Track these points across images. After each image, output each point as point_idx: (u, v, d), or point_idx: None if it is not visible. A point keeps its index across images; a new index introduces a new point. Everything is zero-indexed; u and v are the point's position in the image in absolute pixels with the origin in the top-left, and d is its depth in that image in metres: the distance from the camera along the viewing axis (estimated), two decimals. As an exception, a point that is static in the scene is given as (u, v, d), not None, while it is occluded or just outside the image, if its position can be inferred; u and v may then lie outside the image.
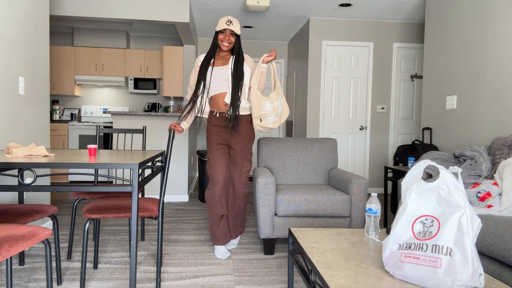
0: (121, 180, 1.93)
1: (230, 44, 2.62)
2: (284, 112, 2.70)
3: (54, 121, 5.98)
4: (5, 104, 2.56)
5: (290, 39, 6.49)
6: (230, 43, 2.62)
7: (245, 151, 2.76)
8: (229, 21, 2.58)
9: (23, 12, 2.76)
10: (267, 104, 2.60)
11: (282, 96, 2.69)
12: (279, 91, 2.67)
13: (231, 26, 2.58)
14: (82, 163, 1.67)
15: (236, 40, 2.65)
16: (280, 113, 2.66)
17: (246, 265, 2.54)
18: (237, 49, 2.67)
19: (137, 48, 6.59)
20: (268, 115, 2.61)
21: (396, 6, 4.67)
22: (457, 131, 3.46)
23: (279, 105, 2.65)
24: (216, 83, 2.64)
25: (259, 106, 2.58)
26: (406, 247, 1.26)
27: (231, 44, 2.63)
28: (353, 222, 2.78)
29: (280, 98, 2.67)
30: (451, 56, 3.57)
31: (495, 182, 2.12)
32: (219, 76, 2.64)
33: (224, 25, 2.58)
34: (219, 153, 2.72)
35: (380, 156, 5.39)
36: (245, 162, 2.78)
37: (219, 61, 2.70)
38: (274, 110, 2.61)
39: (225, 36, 2.60)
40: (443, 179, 1.27)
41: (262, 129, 2.66)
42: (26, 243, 1.39)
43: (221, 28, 2.59)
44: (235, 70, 2.61)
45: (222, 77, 2.64)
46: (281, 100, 2.68)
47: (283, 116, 2.69)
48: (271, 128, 2.65)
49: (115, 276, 2.30)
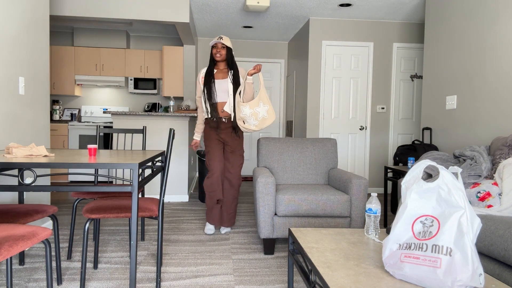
0: (121, 180, 1.93)
1: (221, 56, 3.12)
2: (269, 118, 3.07)
3: (54, 121, 5.98)
4: (5, 104, 2.56)
5: (290, 39, 6.49)
6: (221, 55, 3.12)
7: (239, 147, 3.27)
8: (219, 37, 3.11)
9: (23, 12, 2.76)
10: (245, 109, 3.02)
11: (268, 103, 3.07)
12: (264, 99, 3.05)
13: (221, 40, 3.08)
14: (82, 163, 1.67)
15: (227, 52, 3.14)
16: (261, 118, 3.05)
17: (246, 265, 2.54)
18: (230, 61, 3.17)
19: (137, 48, 6.59)
20: (248, 118, 3.04)
21: (396, 6, 4.67)
22: (457, 131, 3.46)
23: (260, 111, 3.04)
24: (218, 93, 3.15)
25: (238, 110, 3.05)
26: (406, 247, 1.26)
27: (223, 56, 3.13)
28: (353, 222, 2.78)
29: (265, 106, 3.06)
30: (451, 56, 3.57)
31: (495, 182, 2.12)
32: (220, 88, 3.15)
33: (215, 40, 3.10)
34: (216, 148, 3.23)
35: (380, 156, 5.39)
36: (239, 157, 3.27)
37: (219, 74, 3.20)
38: (252, 115, 3.03)
39: (217, 50, 3.12)
40: (443, 179, 1.27)
41: (246, 130, 3.10)
42: (26, 243, 1.39)
43: (213, 43, 3.12)
44: (234, 84, 3.12)
45: (223, 88, 3.14)
46: (265, 108, 3.06)
47: (265, 121, 3.07)
48: (253, 130, 3.07)
49: (115, 276, 2.30)
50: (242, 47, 6.59)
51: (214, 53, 3.15)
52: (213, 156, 3.21)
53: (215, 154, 3.22)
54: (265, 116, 3.06)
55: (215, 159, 3.21)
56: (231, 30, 5.96)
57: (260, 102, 3.05)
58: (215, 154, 3.22)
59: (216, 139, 3.24)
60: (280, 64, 6.73)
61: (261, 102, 3.05)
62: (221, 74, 3.20)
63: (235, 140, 3.25)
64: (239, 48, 6.59)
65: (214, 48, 3.15)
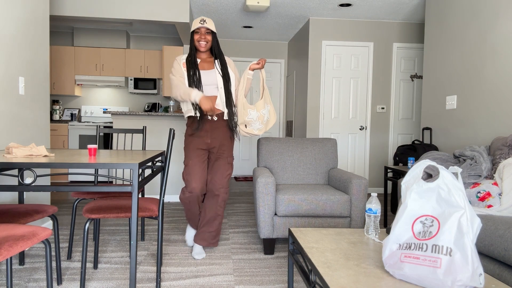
0: (121, 180, 1.93)
1: (207, 43, 2.60)
2: (271, 119, 2.72)
3: (54, 121, 5.98)
4: (5, 104, 2.56)
5: (290, 39, 6.49)
6: (207, 41, 2.60)
7: (228, 152, 2.72)
8: (202, 20, 2.56)
9: (23, 12, 2.76)
10: (252, 112, 2.62)
11: (270, 103, 2.71)
12: (267, 99, 2.69)
13: (206, 24, 2.55)
14: (82, 163, 1.67)
15: (213, 38, 2.62)
16: (266, 121, 2.68)
17: (246, 265, 2.54)
18: (217, 49, 2.66)
19: (137, 48, 6.59)
20: (253, 122, 2.64)
21: (396, 6, 4.67)
22: (457, 131, 3.46)
23: (265, 113, 2.67)
24: (204, 87, 2.61)
25: (244, 113, 2.62)
26: (406, 247, 1.26)
27: (208, 43, 2.60)
28: (353, 222, 2.78)
29: (267, 106, 2.69)
30: (451, 56, 3.57)
31: (495, 182, 2.12)
32: (206, 80, 2.61)
33: (198, 24, 2.56)
34: (198, 160, 2.62)
35: (380, 156, 5.39)
36: (227, 165, 2.70)
37: (203, 64, 2.66)
38: (259, 118, 2.64)
39: (201, 35, 2.58)
40: (443, 179, 1.27)
41: (247, 135, 2.69)
42: (26, 243, 1.39)
43: (196, 28, 2.57)
44: (223, 75, 2.62)
45: (210, 81, 2.61)
46: (268, 108, 2.69)
47: (269, 123, 2.71)
48: (255, 134, 2.68)
49: (115, 276, 2.30)
50: (242, 47, 6.59)
51: (197, 40, 2.59)
52: (193, 171, 2.58)
53: (196, 169, 2.58)
54: (268, 117, 2.71)
55: (196, 176, 2.57)
56: (231, 30, 5.96)
57: (265, 102, 2.69)
58: (196, 169, 2.58)
59: (199, 148, 2.63)
60: (280, 64, 6.73)
61: (266, 103, 2.69)
62: (205, 64, 2.66)
63: (224, 145, 2.69)
64: (239, 48, 6.59)
65: (196, 34, 2.60)
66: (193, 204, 2.65)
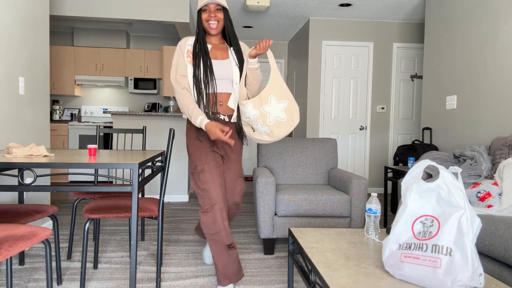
0: (121, 180, 1.93)
1: (218, 22, 2.03)
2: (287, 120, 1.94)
3: (54, 121, 5.99)
4: (5, 104, 2.56)
5: (290, 39, 6.49)
6: (218, 20, 2.03)
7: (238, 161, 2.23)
8: None
9: (23, 12, 2.76)
10: (247, 110, 1.95)
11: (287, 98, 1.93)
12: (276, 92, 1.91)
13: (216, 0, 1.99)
14: (82, 163, 1.67)
15: (225, 17, 2.06)
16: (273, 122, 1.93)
17: (246, 265, 2.54)
18: (230, 30, 2.11)
19: (137, 48, 6.59)
20: (254, 123, 1.97)
21: (396, 6, 4.67)
22: (457, 131, 3.46)
23: (270, 111, 1.91)
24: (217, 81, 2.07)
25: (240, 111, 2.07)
26: (406, 247, 1.26)
27: (220, 22, 2.04)
28: (353, 222, 2.78)
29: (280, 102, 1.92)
30: (451, 56, 3.57)
31: (495, 182, 2.12)
32: (220, 74, 2.06)
33: (205, 1, 1.99)
34: (214, 164, 2.08)
35: (380, 156, 5.39)
36: (239, 179, 2.24)
37: (215, 52, 2.10)
38: (259, 118, 1.93)
39: (210, 13, 2.02)
40: (443, 179, 1.27)
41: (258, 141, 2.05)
42: (26, 243, 1.39)
43: (203, 4, 2.00)
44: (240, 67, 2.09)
45: (224, 74, 2.06)
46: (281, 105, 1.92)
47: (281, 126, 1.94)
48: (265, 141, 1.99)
49: (115, 276, 2.30)
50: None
51: (205, 20, 2.03)
52: (211, 176, 2.03)
53: (213, 173, 2.05)
54: (281, 118, 1.93)
55: (215, 181, 2.04)
56: (231, 30, 5.96)
57: (271, 97, 1.91)
58: (213, 173, 2.04)
59: (211, 151, 2.11)
60: (280, 64, 6.73)
61: (273, 96, 1.91)
62: (218, 52, 2.11)
63: (234, 153, 2.19)
64: (239, 48, 6.58)
65: (204, 12, 2.03)
66: (220, 224, 2.01)
